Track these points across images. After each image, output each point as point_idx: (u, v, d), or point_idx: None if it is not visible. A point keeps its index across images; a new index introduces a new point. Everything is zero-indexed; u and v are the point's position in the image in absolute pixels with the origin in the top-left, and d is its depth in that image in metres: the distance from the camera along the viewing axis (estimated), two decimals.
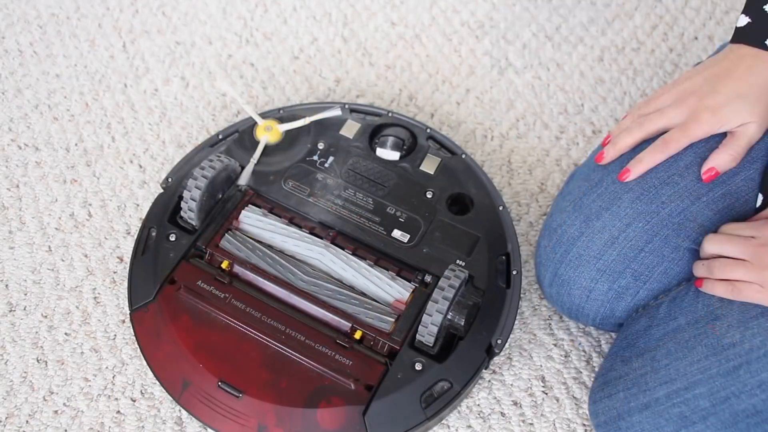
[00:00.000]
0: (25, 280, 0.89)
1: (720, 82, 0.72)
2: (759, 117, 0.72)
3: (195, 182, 0.79)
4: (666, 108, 0.75)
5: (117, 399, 0.82)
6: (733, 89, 0.71)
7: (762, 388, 0.66)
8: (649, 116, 0.76)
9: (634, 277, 0.76)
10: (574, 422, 0.82)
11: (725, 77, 0.72)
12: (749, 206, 0.75)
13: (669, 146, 0.74)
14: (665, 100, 0.76)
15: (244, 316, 0.75)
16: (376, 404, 0.71)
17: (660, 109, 0.76)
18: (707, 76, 0.74)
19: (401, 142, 0.87)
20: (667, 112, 0.75)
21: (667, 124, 0.75)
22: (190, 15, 1.13)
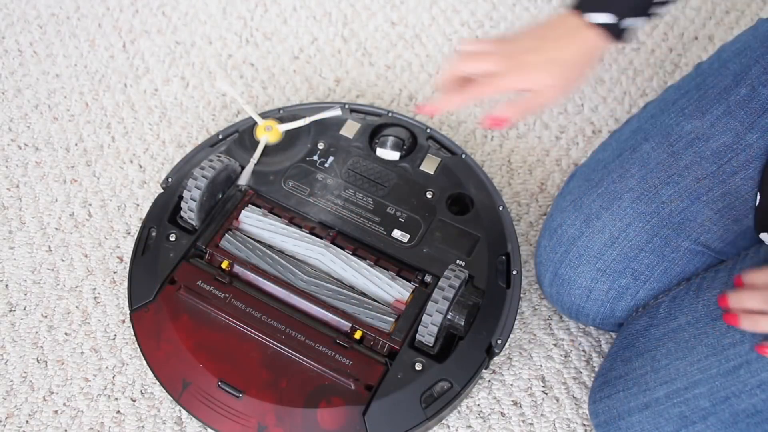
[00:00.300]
0: (25, 280, 0.89)
1: (543, 45, 0.74)
2: (560, 84, 0.73)
3: (195, 182, 0.79)
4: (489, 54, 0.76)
5: (117, 399, 0.82)
6: (552, 54, 0.73)
7: (762, 387, 0.66)
8: (471, 56, 0.76)
9: (634, 277, 0.76)
10: (574, 422, 0.82)
11: (549, 40, 0.74)
12: (749, 205, 0.75)
13: (474, 92, 0.75)
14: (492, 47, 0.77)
15: (244, 316, 0.75)
16: (376, 404, 0.71)
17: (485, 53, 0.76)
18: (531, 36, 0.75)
19: (401, 142, 0.87)
20: (489, 58, 0.75)
21: (487, 69, 0.75)
22: (190, 15, 1.13)
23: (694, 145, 0.76)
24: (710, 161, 0.75)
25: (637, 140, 0.79)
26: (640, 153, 0.78)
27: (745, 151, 0.74)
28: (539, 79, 0.73)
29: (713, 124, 0.76)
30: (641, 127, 0.80)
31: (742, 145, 0.74)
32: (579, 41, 0.73)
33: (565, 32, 0.74)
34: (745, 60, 0.77)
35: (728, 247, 0.76)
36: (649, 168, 0.77)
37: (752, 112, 0.74)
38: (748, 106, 0.75)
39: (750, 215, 0.75)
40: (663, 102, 0.81)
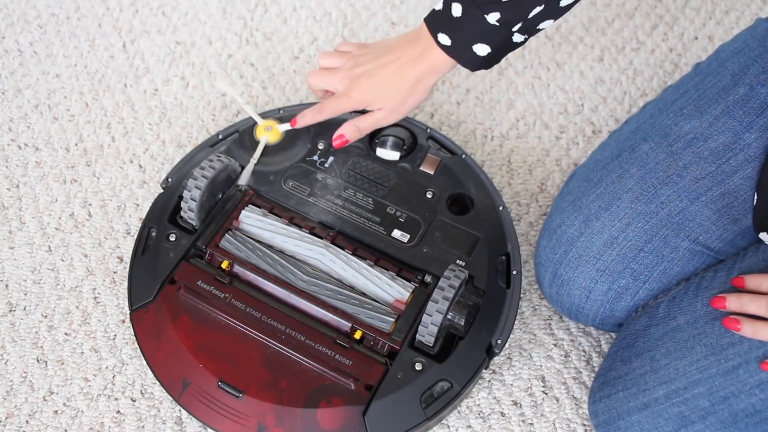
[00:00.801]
0: (25, 280, 0.89)
1: (381, 69, 0.79)
2: (388, 108, 0.80)
3: (195, 182, 0.79)
4: (334, 71, 0.83)
5: (117, 399, 0.82)
6: (384, 79, 0.79)
7: (761, 387, 0.67)
8: (319, 72, 0.84)
9: (633, 277, 0.76)
10: (574, 422, 0.82)
11: (386, 66, 0.79)
12: (747, 205, 0.75)
13: (323, 112, 0.83)
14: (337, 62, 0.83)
15: (244, 316, 0.75)
16: (376, 404, 0.71)
17: (330, 69, 0.83)
18: (376, 57, 0.80)
19: (401, 142, 0.87)
20: (333, 76, 0.83)
21: (330, 86, 0.83)
22: (190, 15, 1.13)
23: (693, 145, 0.76)
24: (709, 161, 0.75)
25: (635, 140, 0.79)
26: (638, 153, 0.78)
27: (743, 150, 0.74)
28: (368, 103, 0.81)
29: (712, 123, 0.76)
30: (640, 128, 0.81)
31: (741, 144, 0.74)
32: (422, 63, 0.78)
33: (413, 52, 0.78)
34: (743, 60, 0.77)
35: (727, 246, 0.76)
36: (647, 168, 0.77)
37: (751, 112, 0.74)
38: (746, 106, 0.75)
39: (749, 215, 0.75)
40: (662, 102, 0.81)
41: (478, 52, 0.74)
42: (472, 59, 0.75)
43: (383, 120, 0.82)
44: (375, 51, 0.81)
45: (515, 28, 0.72)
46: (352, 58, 0.82)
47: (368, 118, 0.82)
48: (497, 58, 0.76)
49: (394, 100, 0.80)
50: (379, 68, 0.79)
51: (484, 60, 0.75)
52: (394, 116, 0.81)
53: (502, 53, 0.76)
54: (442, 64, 0.77)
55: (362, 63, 0.81)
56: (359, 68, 0.81)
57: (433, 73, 0.78)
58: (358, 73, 0.80)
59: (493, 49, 0.74)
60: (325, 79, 0.83)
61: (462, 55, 0.75)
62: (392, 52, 0.79)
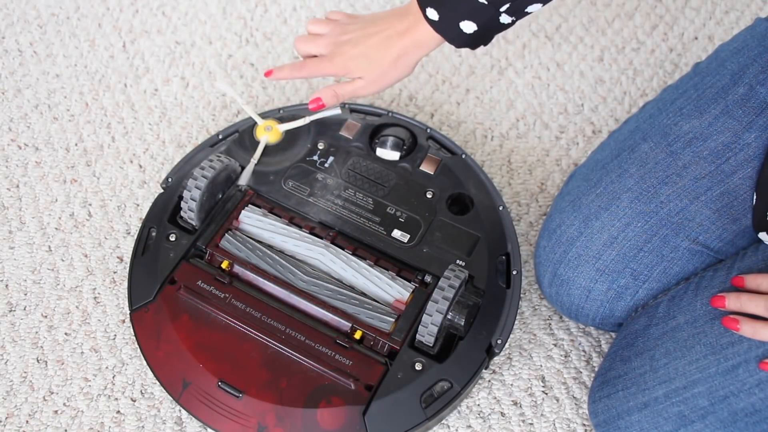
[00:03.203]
0: (25, 280, 0.90)
1: (366, 38, 0.80)
2: (369, 79, 0.81)
3: (195, 182, 0.79)
4: (320, 37, 0.83)
5: (117, 399, 0.82)
6: (368, 49, 0.80)
7: (760, 387, 0.67)
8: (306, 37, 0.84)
9: (633, 277, 0.76)
10: (574, 422, 0.82)
11: (372, 36, 0.80)
12: (747, 204, 0.75)
13: (302, 70, 0.84)
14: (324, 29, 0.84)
15: (244, 316, 0.75)
16: (376, 404, 0.71)
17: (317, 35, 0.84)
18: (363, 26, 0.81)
19: (401, 142, 0.87)
20: (318, 41, 0.83)
21: (315, 51, 0.84)
22: (190, 15, 1.13)
23: (693, 145, 0.76)
24: (708, 161, 0.75)
25: (635, 140, 0.79)
26: (638, 153, 0.78)
27: (743, 150, 0.74)
28: (349, 70, 0.81)
29: (711, 123, 0.76)
30: (639, 127, 0.81)
31: (741, 144, 0.74)
32: (408, 37, 0.78)
33: (400, 26, 0.78)
34: (742, 59, 0.77)
35: (727, 246, 0.76)
36: (647, 168, 0.77)
37: (750, 111, 0.74)
38: (746, 105, 0.75)
39: (748, 214, 0.75)
40: (661, 102, 0.81)
41: (465, 29, 0.74)
42: (459, 36, 0.75)
43: (362, 89, 0.82)
44: (363, 21, 0.82)
45: (503, 9, 0.72)
46: (339, 26, 0.83)
47: (347, 85, 0.82)
48: (483, 37, 0.76)
49: (376, 71, 0.80)
50: (365, 38, 0.80)
51: (470, 38, 0.76)
52: (373, 87, 0.82)
53: (489, 33, 0.76)
54: (428, 39, 0.77)
55: (349, 31, 0.81)
56: (345, 36, 0.81)
57: (418, 48, 0.78)
58: (343, 40, 0.81)
59: (479, 28, 0.74)
60: (310, 44, 0.84)
61: (449, 31, 0.75)
62: (379, 24, 0.80)
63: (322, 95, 0.83)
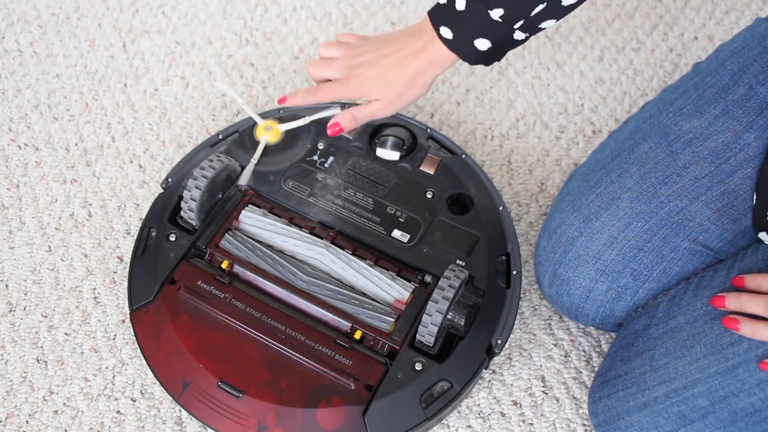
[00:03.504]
0: (25, 280, 0.90)
1: (381, 59, 0.79)
2: (386, 100, 0.80)
3: (195, 182, 0.79)
4: (334, 60, 0.83)
5: (117, 399, 0.82)
6: (383, 70, 0.79)
7: (760, 386, 0.67)
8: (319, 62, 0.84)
9: (633, 277, 0.76)
10: (574, 422, 0.82)
11: (386, 57, 0.79)
12: (747, 204, 0.75)
13: (317, 95, 0.83)
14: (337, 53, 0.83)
15: (244, 316, 0.75)
16: (376, 404, 0.71)
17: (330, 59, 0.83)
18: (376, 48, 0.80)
19: (401, 142, 0.87)
20: (332, 65, 0.82)
21: (329, 75, 0.83)
22: (190, 15, 1.13)
23: (693, 145, 0.76)
24: (708, 161, 0.75)
25: (635, 140, 0.79)
26: (638, 153, 0.78)
27: (743, 150, 0.74)
28: (366, 93, 0.80)
29: (711, 123, 0.76)
30: (639, 127, 0.81)
31: (741, 144, 0.74)
32: (424, 56, 0.78)
33: (415, 45, 0.78)
34: (742, 59, 0.77)
35: (727, 246, 0.76)
36: (647, 168, 0.77)
37: (750, 111, 0.74)
38: (745, 105, 0.75)
39: (749, 214, 0.75)
40: (661, 102, 0.82)
41: (479, 46, 0.74)
42: (472, 53, 0.75)
43: (380, 111, 0.81)
44: (376, 42, 0.81)
45: (517, 26, 0.72)
46: (352, 49, 0.82)
47: (365, 108, 0.81)
48: (497, 53, 0.76)
49: (393, 92, 0.79)
50: (380, 59, 0.79)
51: (484, 55, 0.75)
52: (391, 108, 0.81)
53: (503, 49, 0.76)
54: (443, 58, 0.77)
55: (362, 53, 0.81)
56: (359, 58, 0.80)
57: (433, 66, 0.78)
58: (357, 62, 0.80)
59: (493, 45, 0.74)
60: (324, 68, 0.83)
61: (463, 49, 0.75)
62: (393, 44, 0.79)
63: (340, 120, 0.82)
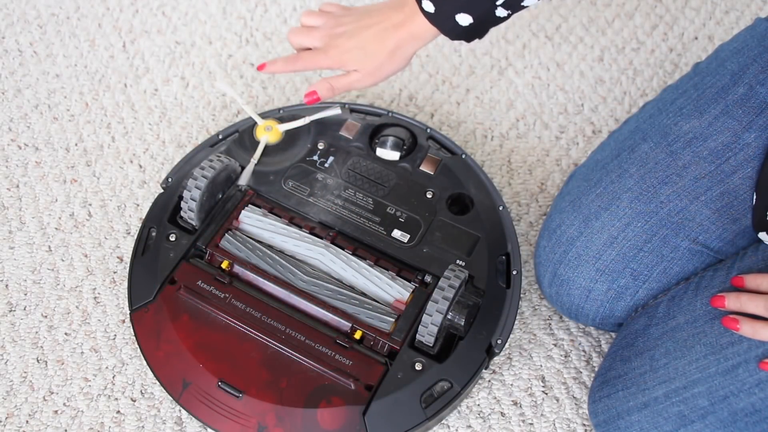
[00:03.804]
0: (25, 280, 0.90)
1: (362, 30, 0.79)
2: (365, 71, 0.80)
3: (195, 182, 0.79)
4: (315, 29, 0.82)
5: (117, 399, 0.82)
6: (364, 41, 0.79)
7: (760, 386, 0.67)
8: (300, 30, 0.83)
9: (633, 277, 0.76)
10: (574, 422, 0.82)
11: (367, 28, 0.79)
12: (747, 204, 0.75)
13: (296, 64, 0.83)
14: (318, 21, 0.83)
15: (244, 316, 0.75)
16: (376, 404, 0.71)
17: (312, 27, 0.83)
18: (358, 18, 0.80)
19: (401, 142, 0.87)
20: (313, 33, 0.82)
21: (309, 44, 0.83)
22: (190, 15, 1.13)
23: (693, 145, 0.76)
24: (708, 161, 0.75)
25: (635, 140, 0.79)
26: (638, 153, 0.78)
27: (743, 150, 0.74)
28: (345, 63, 0.80)
29: (711, 123, 0.76)
30: (639, 127, 0.81)
31: (740, 144, 0.74)
32: (405, 29, 0.77)
33: (396, 18, 0.78)
34: (742, 59, 0.77)
35: (727, 246, 0.76)
36: (647, 168, 0.77)
37: (750, 111, 0.74)
38: (745, 105, 0.75)
39: (748, 214, 0.75)
40: (661, 102, 0.82)
41: (461, 21, 0.74)
42: (454, 28, 0.75)
43: (358, 82, 0.81)
44: (358, 13, 0.81)
45: (499, 2, 0.72)
46: (333, 18, 0.82)
47: (343, 78, 0.81)
48: (478, 30, 0.76)
49: (372, 64, 0.79)
50: (361, 29, 0.79)
51: (466, 30, 0.75)
52: (369, 80, 0.81)
53: (484, 26, 0.76)
54: (424, 32, 0.77)
55: (344, 23, 0.81)
56: (340, 28, 0.80)
57: (414, 40, 0.78)
58: (338, 32, 0.80)
59: (475, 21, 0.74)
60: (305, 37, 0.83)
61: (444, 24, 0.75)
62: (375, 16, 0.79)
63: (317, 88, 0.82)
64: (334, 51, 0.80)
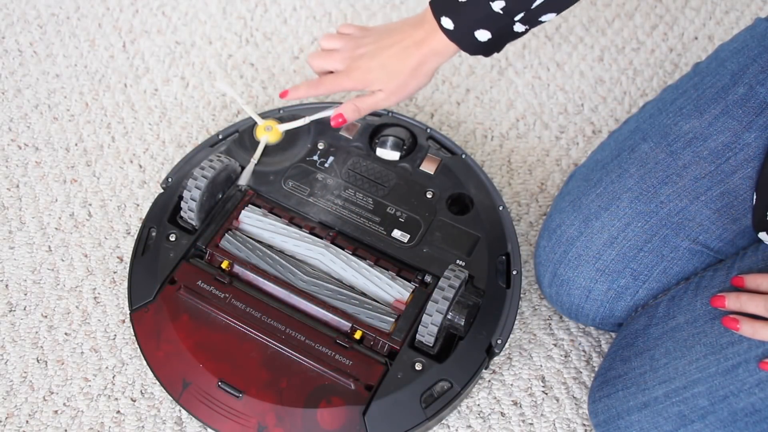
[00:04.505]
0: (25, 280, 0.90)
1: (383, 50, 0.79)
2: (389, 90, 0.80)
3: (195, 182, 0.79)
4: (336, 52, 0.83)
5: (117, 399, 0.82)
6: (386, 60, 0.79)
7: (760, 386, 0.67)
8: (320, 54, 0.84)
9: (633, 277, 0.76)
10: (574, 422, 0.82)
11: (388, 47, 0.79)
12: (747, 204, 0.75)
13: (319, 88, 0.83)
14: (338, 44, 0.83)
15: (244, 316, 0.75)
16: (376, 404, 0.71)
17: (332, 50, 0.83)
18: (378, 38, 0.80)
19: (401, 142, 0.87)
20: (334, 56, 0.83)
21: (331, 67, 0.83)
22: (190, 15, 1.13)
23: (693, 145, 0.76)
24: (708, 161, 0.75)
25: (635, 140, 0.79)
26: (638, 153, 0.78)
27: (743, 150, 0.74)
28: (368, 83, 0.80)
29: (711, 123, 0.76)
30: (639, 127, 0.81)
31: (741, 144, 0.74)
32: (426, 46, 0.78)
33: (416, 36, 0.78)
34: (742, 59, 0.77)
35: (727, 246, 0.76)
36: (647, 168, 0.77)
37: (750, 111, 0.74)
38: (745, 105, 0.75)
39: (749, 214, 0.75)
40: (661, 102, 0.82)
41: (479, 37, 0.75)
42: (473, 44, 0.76)
43: (383, 102, 0.81)
44: (377, 33, 0.82)
45: (517, 18, 0.73)
46: (353, 40, 0.82)
47: (368, 98, 0.81)
48: (497, 45, 0.77)
49: (396, 82, 0.80)
50: (382, 50, 0.79)
51: (484, 46, 0.76)
52: (394, 99, 0.81)
53: (503, 41, 0.76)
54: (444, 48, 0.77)
55: (364, 44, 0.81)
56: (361, 49, 0.81)
57: (436, 56, 0.78)
58: (359, 53, 0.80)
59: (493, 36, 0.75)
60: (326, 60, 0.83)
61: (463, 40, 0.76)
62: (395, 35, 0.80)
63: (344, 111, 0.82)
64: (357, 72, 0.80)
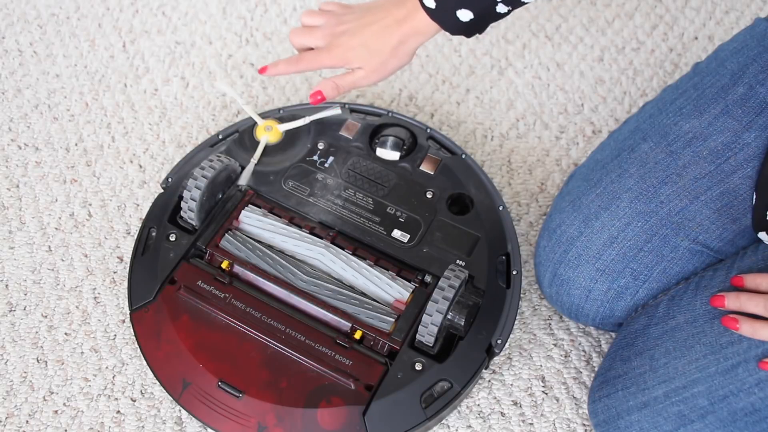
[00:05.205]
0: (25, 280, 0.90)
1: (364, 28, 0.79)
2: (369, 68, 0.80)
3: (195, 182, 0.79)
4: (316, 29, 0.82)
5: (117, 399, 0.82)
6: (367, 38, 0.79)
7: (760, 386, 0.67)
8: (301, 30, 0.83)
9: (633, 277, 0.76)
10: (574, 422, 0.82)
11: (369, 25, 0.79)
12: (747, 204, 0.75)
13: (299, 64, 0.82)
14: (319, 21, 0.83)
15: (244, 316, 0.75)
16: (376, 404, 0.71)
17: (313, 27, 0.82)
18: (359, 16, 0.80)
19: (401, 142, 0.87)
20: (315, 33, 0.82)
21: (311, 44, 0.82)
22: (190, 15, 1.13)
23: (692, 145, 0.76)
24: (708, 160, 0.75)
25: (635, 140, 0.79)
26: (638, 153, 0.78)
27: (743, 150, 0.74)
28: (348, 61, 0.80)
29: (711, 123, 0.76)
30: (639, 127, 0.81)
31: (740, 144, 0.74)
32: (407, 25, 0.77)
33: (398, 14, 0.78)
34: (742, 59, 0.77)
35: (727, 246, 0.76)
36: (647, 168, 0.77)
37: (750, 111, 0.74)
38: (745, 105, 0.75)
39: (748, 214, 0.75)
40: (661, 102, 0.82)
41: (461, 17, 0.74)
42: (455, 23, 0.75)
43: (363, 80, 0.81)
44: (359, 11, 0.81)
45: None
46: (334, 17, 0.82)
47: (348, 76, 0.81)
48: (479, 25, 0.76)
49: (376, 61, 0.79)
50: (363, 27, 0.79)
51: (466, 26, 0.76)
52: (374, 77, 0.81)
53: (485, 21, 0.76)
54: (426, 27, 0.77)
55: (345, 21, 0.80)
56: (342, 26, 0.80)
57: (417, 35, 0.78)
58: (340, 30, 0.80)
59: (475, 16, 0.74)
60: (306, 37, 0.83)
61: (445, 19, 0.75)
62: (376, 13, 0.79)
63: (322, 88, 0.82)
64: (337, 50, 0.80)
